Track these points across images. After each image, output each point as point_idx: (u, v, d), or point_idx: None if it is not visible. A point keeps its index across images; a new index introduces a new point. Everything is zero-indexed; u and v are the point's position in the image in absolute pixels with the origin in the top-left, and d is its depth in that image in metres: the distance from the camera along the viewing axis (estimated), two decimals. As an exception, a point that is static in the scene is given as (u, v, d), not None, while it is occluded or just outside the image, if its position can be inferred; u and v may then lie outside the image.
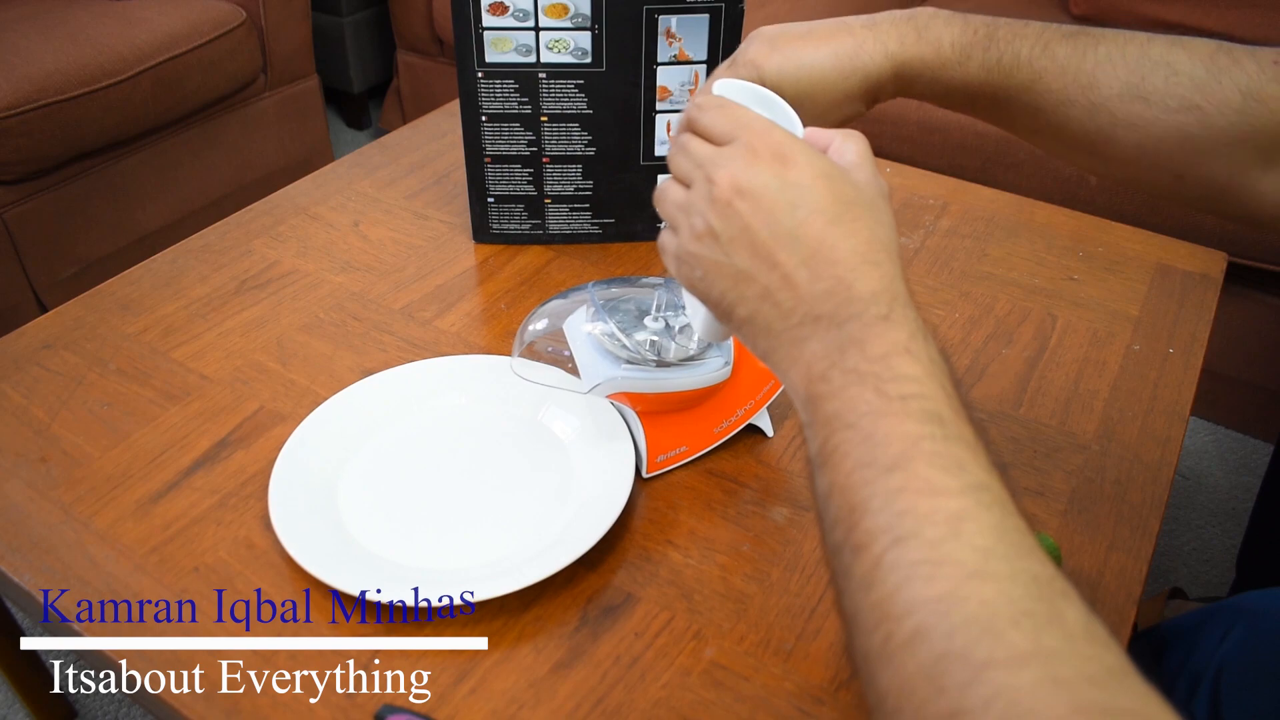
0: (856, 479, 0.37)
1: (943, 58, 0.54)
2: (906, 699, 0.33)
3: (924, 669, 0.32)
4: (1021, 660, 0.31)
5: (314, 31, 1.88)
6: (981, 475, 0.36)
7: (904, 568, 0.34)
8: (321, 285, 0.90)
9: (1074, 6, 1.59)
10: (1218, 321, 0.89)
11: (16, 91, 1.37)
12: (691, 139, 0.44)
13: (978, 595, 0.33)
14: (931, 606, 0.33)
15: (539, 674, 0.58)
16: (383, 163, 1.10)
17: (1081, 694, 0.30)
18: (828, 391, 0.39)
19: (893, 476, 0.36)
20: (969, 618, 0.32)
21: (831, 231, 0.40)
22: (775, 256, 0.40)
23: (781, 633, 0.60)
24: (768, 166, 0.41)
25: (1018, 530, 0.35)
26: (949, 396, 0.38)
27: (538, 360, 0.73)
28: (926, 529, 0.34)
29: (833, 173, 0.41)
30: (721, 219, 0.42)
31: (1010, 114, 0.56)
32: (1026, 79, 0.54)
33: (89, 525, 0.67)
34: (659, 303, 0.68)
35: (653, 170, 0.93)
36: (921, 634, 0.33)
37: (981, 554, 0.34)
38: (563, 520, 0.66)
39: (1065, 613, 0.33)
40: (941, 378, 0.38)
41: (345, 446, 0.72)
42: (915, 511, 0.35)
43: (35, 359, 0.82)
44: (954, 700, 0.31)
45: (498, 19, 0.85)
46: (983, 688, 0.31)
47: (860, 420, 0.37)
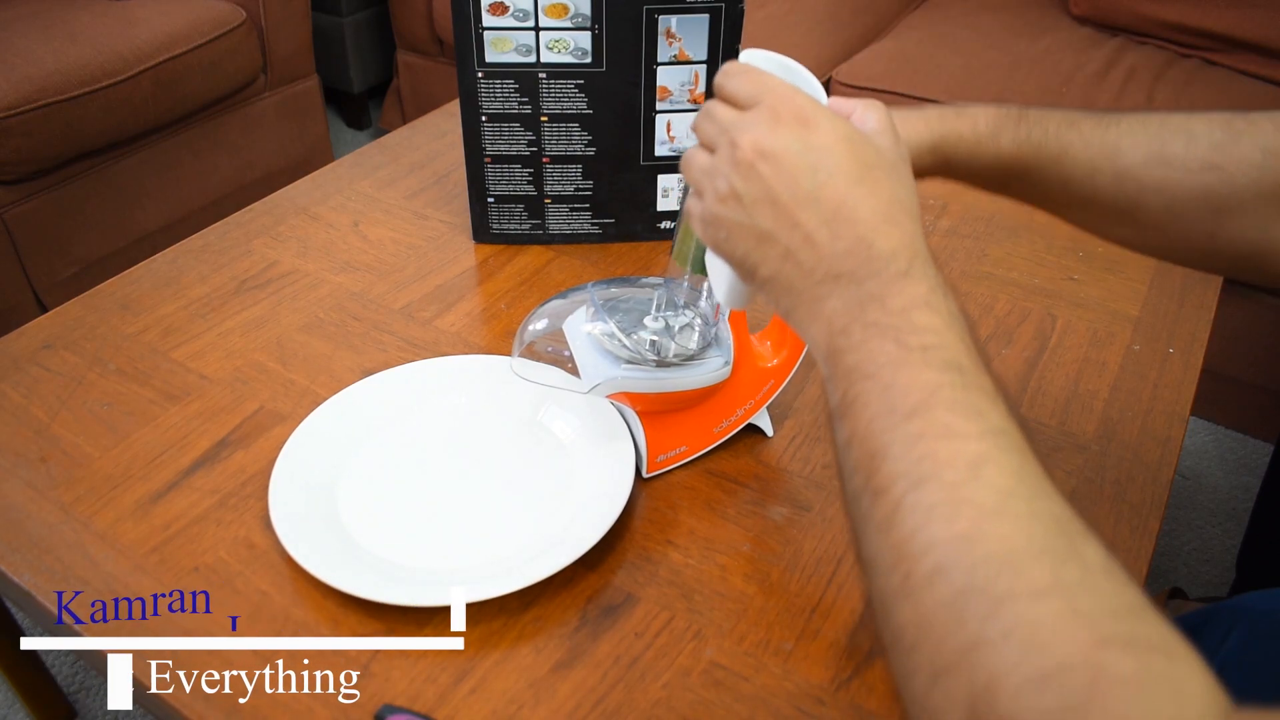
0: (876, 427, 0.37)
1: (978, 133, 0.56)
2: (925, 633, 0.33)
3: (943, 603, 0.33)
4: (1042, 593, 0.31)
5: (314, 31, 1.88)
6: (1000, 421, 0.36)
7: (923, 509, 0.34)
8: (321, 285, 0.90)
9: (1074, 7, 1.60)
10: (1218, 321, 0.89)
11: (16, 91, 1.37)
12: (717, 104, 0.45)
13: (997, 533, 0.33)
14: (951, 544, 0.33)
15: (539, 674, 0.58)
16: (383, 163, 1.10)
17: (1103, 625, 0.30)
18: (848, 345, 0.39)
19: (912, 423, 0.36)
20: (989, 554, 0.32)
21: (852, 192, 0.41)
22: (797, 217, 0.41)
23: (781, 633, 0.60)
24: (790, 129, 0.42)
25: (1036, 474, 0.35)
26: (968, 348, 0.38)
27: (538, 360, 0.73)
28: (945, 472, 0.35)
29: (854, 136, 0.42)
30: (744, 181, 0.42)
31: (1043, 188, 0.58)
32: (1055, 151, 0.56)
33: (89, 525, 0.67)
34: (659, 303, 0.68)
35: (653, 170, 0.93)
36: (941, 570, 0.33)
37: (1001, 494, 0.34)
38: (563, 520, 0.66)
39: (1084, 550, 0.33)
40: (960, 330, 0.39)
41: (345, 446, 0.72)
42: (934, 456, 0.35)
43: (35, 359, 0.82)
44: (974, 632, 0.31)
45: (498, 19, 0.85)
46: (1002, 619, 0.31)
47: (880, 370, 0.38)
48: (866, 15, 1.70)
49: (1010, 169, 0.57)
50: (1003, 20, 1.61)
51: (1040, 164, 0.56)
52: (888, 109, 0.46)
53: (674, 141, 0.92)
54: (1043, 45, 1.52)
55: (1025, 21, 1.61)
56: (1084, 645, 0.30)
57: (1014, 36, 1.55)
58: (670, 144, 0.92)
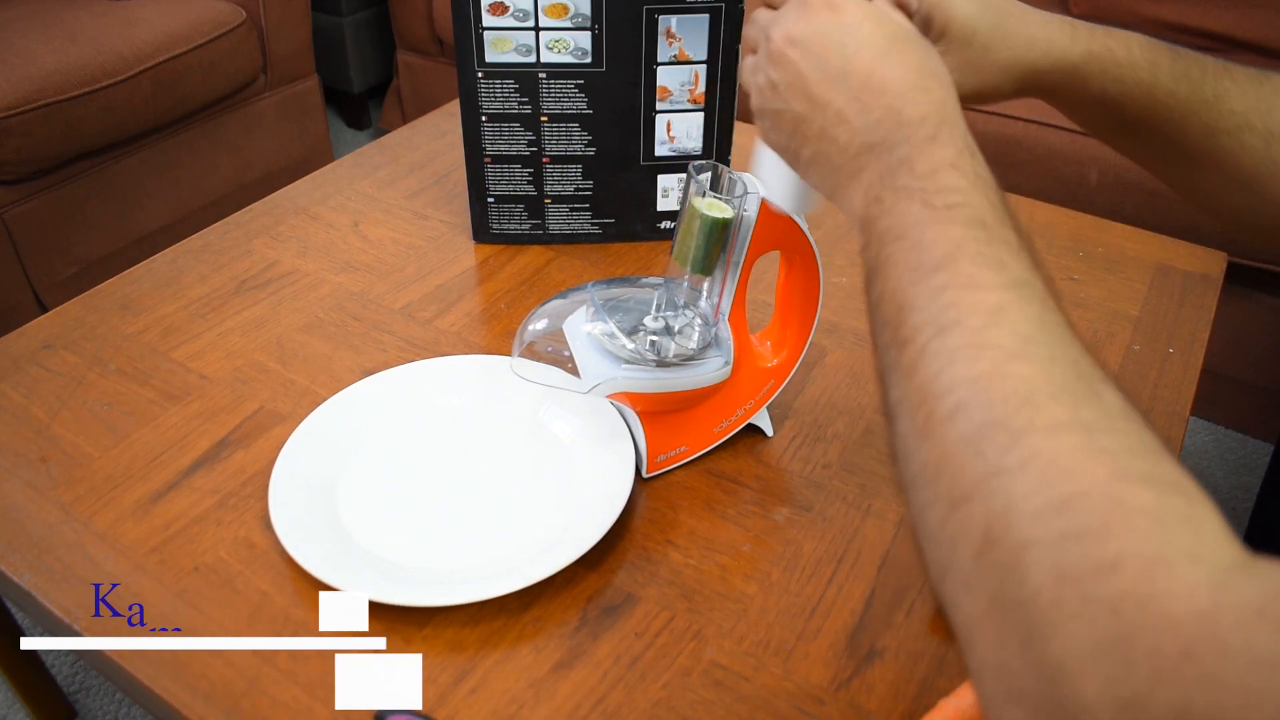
0: (904, 281, 0.38)
1: (1134, 59, 0.53)
2: (945, 466, 0.34)
3: (964, 437, 0.33)
4: (1061, 428, 0.31)
5: (314, 31, 1.88)
6: (1023, 274, 0.37)
7: (946, 353, 0.35)
8: (321, 285, 0.90)
9: (1074, 6, 1.59)
10: (1218, 321, 0.89)
11: (16, 91, 1.37)
12: (759, 10, 0.48)
13: (1018, 373, 0.33)
14: (972, 384, 0.34)
15: (539, 674, 0.58)
16: (383, 163, 1.10)
17: (1121, 461, 0.30)
18: (880, 212, 0.41)
19: (937, 275, 0.37)
20: (1009, 392, 0.33)
21: (880, 64, 0.42)
22: (827, 96, 0.43)
23: (781, 633, 0.60)
24: (817, 14, 0.44)
25: (1059, 323, 0.36)
26: (993, 206, 0.39)
27: (538, 360, 0.73)
28: (969, 318, 0.35)
29: (881, 14, 0.44)
30: (779, 70, 0.45)
31: (1181, 138, 0.54)
32: (1211, 95, 0.53)
33: (89, 525, 0.67)
34: (659, 303, 0.68)
35: (653, 170, 0.93)
36: (962, 408, 0.34)
37: (1022, 339, 0.34)
38: (563, 520, 0.66)
39: (1104, 394, 0.33)
40: (987, 189, 0.40)
41: (345, 446, 0.72)
42: (958, 304, 0.36)
43: (35, 359, 0.82)
44: (992, 462, 0.32)
45: (498, 19, 0.85)
46: (1021, 450, 0.31)
47: (909, 231, 0.39)
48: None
49: (1156, 109, 0.53)
50: (1003, 20, 1.61)
51: (1191, 108, 0.53)
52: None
53: (674, 141, 0.92)
54: (1043, 45, 1.52)
55: (1025, 21, 1.61)
56: (1102, 477, 0.30)
57: (1014, 36, 1.55)
58: (670, 144, 0.92)
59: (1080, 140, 1.36)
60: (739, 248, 0.64)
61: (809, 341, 0.72)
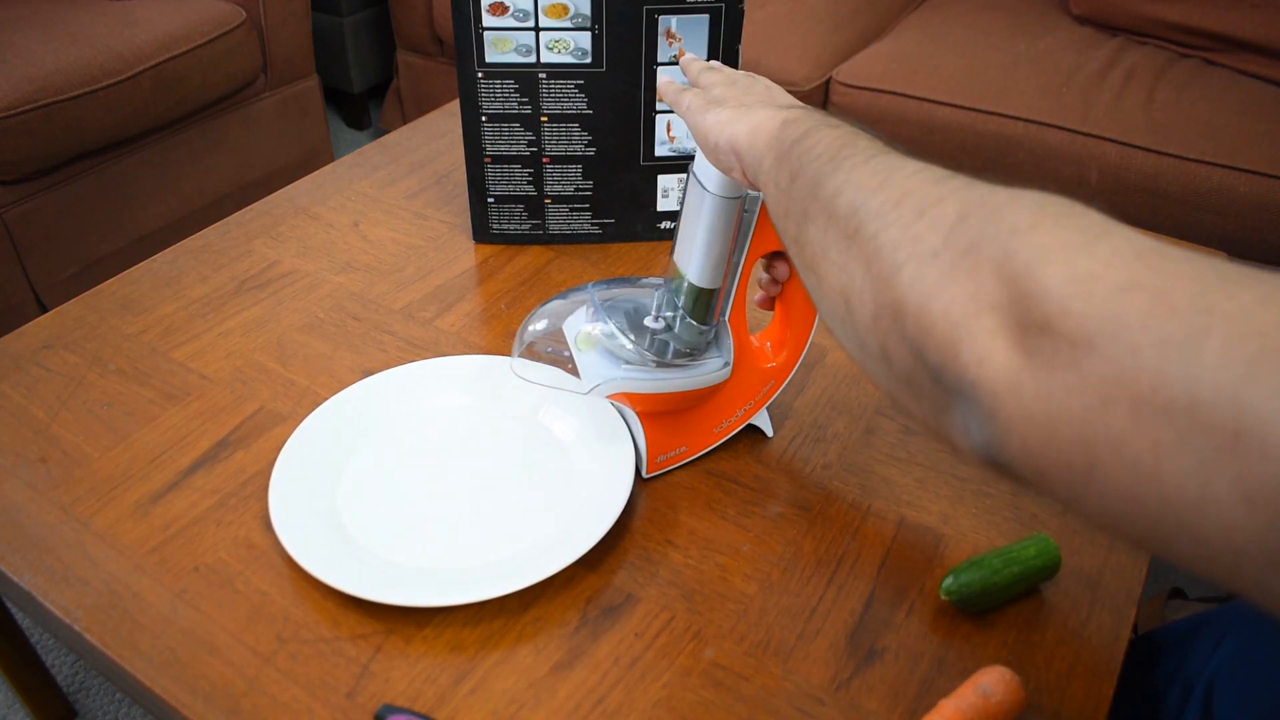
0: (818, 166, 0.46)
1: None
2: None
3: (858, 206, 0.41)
4: (943, 199, 0.38)
5: (314, 31, 1.88)
6: (875, 149, 0.44)
7: (854, 184, 0.42)
8: (321, 285, 0.90)
9: (1074, 6, 1.60)
10: (1218, 322, 0.89)
11: (16, 91, 1.37)
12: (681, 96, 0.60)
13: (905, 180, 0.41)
14: (868, 197, 0.41)
15: (539, 674, 0.58)
16: (383, 163, 1.10)
17: (978, 190, 0.38)
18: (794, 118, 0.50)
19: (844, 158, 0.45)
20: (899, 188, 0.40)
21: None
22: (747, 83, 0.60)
23: (781, 633, 0.60)
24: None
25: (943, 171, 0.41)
26: (853, 134, 0.46)
27: (538, 360, 0.73)
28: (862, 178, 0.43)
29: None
30: (709, 78, 0.61)
31: None
32: None
33: (89, 525, 0.67)
34: (659, 303, 0.68)
35: (653, 170, 0.93)
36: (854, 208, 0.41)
37: (912, 175, 0.40)
38: (563, 520, 0.66)
39: (974, 183, 0.39)
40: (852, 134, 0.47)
41: (345, 446, 0.72)
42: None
43: (35, 359, 0.82)
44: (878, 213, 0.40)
45: (498, 19, 0.85)
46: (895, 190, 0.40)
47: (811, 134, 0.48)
48: (866, 15, 1.70)
49: None
50: (1003, 20, 1.61)
51: None
52: None
53: (674, 141, 0.92)
54: (1043, 45, 1.52)
55: (1025, 21, 1.61)
56: (1028, 218, 0.38)
57: (1014, 36, 1.55)
58: (670, 144, 0.92)
59: (1080, 140, 1.36)
60: (739, 248, 0.64)
61: (809, 342, 0.72)
